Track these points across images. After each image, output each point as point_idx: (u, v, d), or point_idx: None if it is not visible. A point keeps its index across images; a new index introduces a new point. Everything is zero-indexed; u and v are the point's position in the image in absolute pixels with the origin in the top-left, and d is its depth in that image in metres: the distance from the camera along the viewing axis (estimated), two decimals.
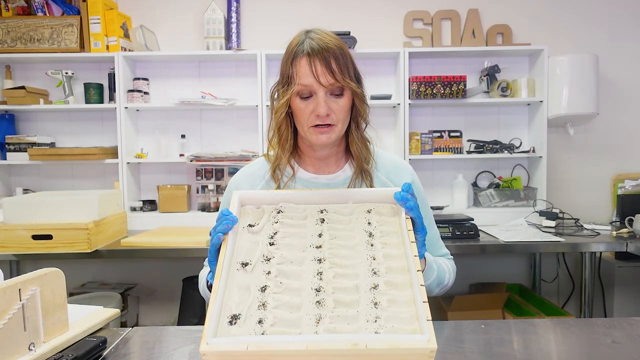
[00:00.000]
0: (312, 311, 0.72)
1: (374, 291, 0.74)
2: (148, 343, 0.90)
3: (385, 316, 0.71)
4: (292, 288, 0.75)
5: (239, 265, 0.78)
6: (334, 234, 0.84)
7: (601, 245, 2.13)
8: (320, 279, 0.77)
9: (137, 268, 2.80)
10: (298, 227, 0.86)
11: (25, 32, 2.57)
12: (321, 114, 0.96)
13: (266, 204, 0.90)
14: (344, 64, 0.98)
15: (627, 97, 2.75)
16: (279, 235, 0.84)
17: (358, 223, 0.87)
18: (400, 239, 0.83)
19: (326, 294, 0.74)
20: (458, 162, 2.76)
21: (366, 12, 2.75)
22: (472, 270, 2.79)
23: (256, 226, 0.86)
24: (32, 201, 2.12)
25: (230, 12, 2.64)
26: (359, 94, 1.01)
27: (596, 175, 2.78)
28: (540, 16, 2.74)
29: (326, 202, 0.91)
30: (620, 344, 0.84)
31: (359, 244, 0.82)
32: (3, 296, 0.72)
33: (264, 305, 0.72)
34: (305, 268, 0.79)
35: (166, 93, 2.74)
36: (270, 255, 0.81)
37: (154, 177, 2.77)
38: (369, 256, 0.80)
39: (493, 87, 2.62)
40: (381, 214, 0.89)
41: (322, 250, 0.81)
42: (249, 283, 0.76)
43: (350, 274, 0.78)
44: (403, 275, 0.77)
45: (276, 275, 0.77)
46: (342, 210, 0.90)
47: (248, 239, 0.84)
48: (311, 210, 0.90)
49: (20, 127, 2.78)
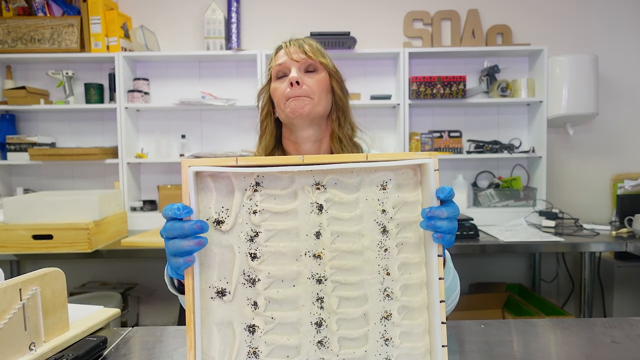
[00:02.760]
0: (314, 355, 0.62)
1: (385, 322, 0.63)
2: (148, 343, 0.90)
3: (397, 354, 0.63)
4: (287, 323, 0.62)
5: (214, 293, 0.61)
6: (337, 230, 0.64)
7: (601, 245, 2.13)
8: (321, 307, 0.63)
9: (138, 268, 2.80)
10: (286, 217, 0.63)
11: (25, 33, 2.57)
12: (292, 80, 0.96)
13: (236, 177, 0.63)
14: (319, 51, 1.02)
15: (626, 97, 2.75)
16: (261, 238, 0.63)
17: (368, 209, 0.64)
18: (420, 233, 0.65)
19: (329, 331, 0.63)
20: (458, 162, 2.76)
21: (366, 12, 2.75)
22: (472, 270, 2.79)
23: (226, 221, 0.62)
24: (32, 201, 2.12)
25: (231, 13, 2.64)
26: (334, 73, 1.02)
27: (596, 175, 2.78)
28: (540, 16, 2.74)
29: (326, 168, 0.63)
30: (619, 343, 0.84)
31: (369, 247, 0.64)
32: (4, 296, 0.72)
33: (255, 354, 0.61)
34: (300, 290, 0.63)
35: (166, 93, 2.75)
36: (254, 274, 0.62)
37: (154, 177, 2.77)
38: (381, 269, 0.64)
39: (493, 87, 2.62)
40: (401, 187, 0.65)
41: (322, 263, 0.63)
42: (231, 319, 0.62)
43: (358, 296, 0.64)
44: (420, 294, 0.64)
45: (265, 308, 0.62)
46: (347, 182, 0.64)
47: (217, 241, 0.62)
48: (302, 182, 0.63)
49: (21, 127, 2.78)
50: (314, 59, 1.00)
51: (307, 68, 1.00)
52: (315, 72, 1.00)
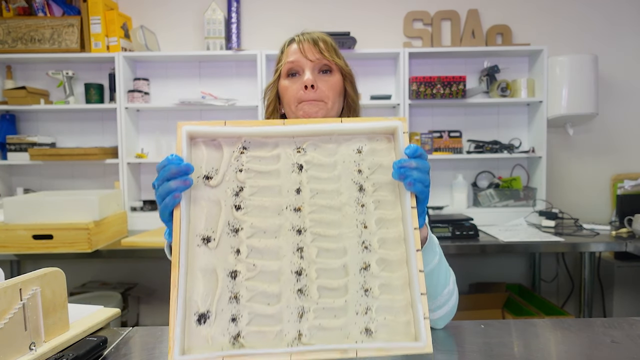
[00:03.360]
0: (294, 302, 0.64)
1: (365, 273, 0.65)
2: (148, 343, 0.90)
3: (377, 306, 0.64)
4: (268, 271, 0.65)
5: (200, 241, 0.65)
6: (316, 187, 0.69)
7: (600, 245, 2.13)
8: (301, 256, 0.66)
9: (138, 268, 2.80)
10: (270, 176, 0.69)
11: (26, 33, 2.57)
12: (307, 83, 0.93)
13: (224, 137, 0.69)
14: (333, 50, 0.99)
15: (626, 97, 2.75)
16: (246, 192, 0.68)
17: (345, 170, 0.70)
18: (396, 193, 0.69)
19: (309, 280, 0.65)
20: (458, 162, 2.76)
21: (366, 12, 2.75)
22: (471, 270, 2.80)
23: (215, 177, 0.68)
24: (32, 201, 2.12)
25: (231, 13, 2.64)
26: (348, 75, 1.00)
27: (595, 175, 2.78)
28: (540, 16, 2.74)
29: (304, 135, 0.70)
30: (619, 343, 0.84)
31: (347, 203, 0.68)
32: (4, 296, 0.73)
33: (236, 298, 0.63)
34: (281, 242, 0.66)
35: (166, 93, 2.75)
36: (238, 224, 0.66)
37: (154, 177, 2.77)
38: (359, 222, 0.67)
39: (493, 87, 2.62)
40: (375, 152, 0.70)
41: (302, 216, 0.67)
42: (215, 265, 0.65)
43: (337, 248, 0.66)
44: (398, 249, 0.66)
45: (247, 255, 0.65)
46: (326, 147, 0.71)
47: (206, 196, 0.67)
48: (285, 148, 0.70)
49: (21, 127, 2.78)
50: (329, 60, 0.96)
51: (321, 68, 0.97)
52: (330, 74, 0.97)
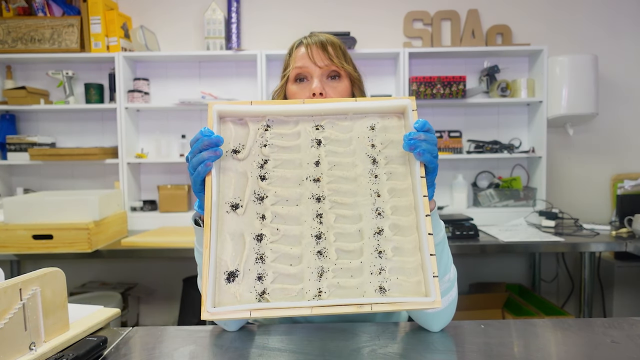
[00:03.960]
0: (314, 263, 0.69)
1: (378, 237, 0.71)
2: (148, 343, 0.90)
3: (390, 267, 0.69)
4: (290, 235, 0.71)
5: (229, 207, 0.71)
6: (333, 160, 0.75)
7: (600, 245, 2.13)
8: (320, 222, 0.71)
9: (138, 268, 2.80)
10: (291, 150, 0.76)
11: (25, 33, 2.57)
12: (315, 91, 0.93)
13: (250, 116, 0.77)
14: (342, 54, 0.98)
15: (626, 97, 2.75)
16: (270, 165, 0.74)
17: (360, 145, 0.76)
18: (406, 166, 0.75)
19: (328, 243, 0.70)
20: (458, 162, 2.76)
21: (366, 12, 2.75)
22: (471, 270, 2.80)
23: (242, 151, 0.74)
24: (32, 201, 2.12)
25: (231, 13, 2.64)
26: (356, 80, 1.00)
27: (595, 175, 2.78)
28: (540, 16, 2.74)
29: (322, 113, 0.77)
30: (619, 343, 0.84)
31: (362, 174, 0.74)
32: (4, 296, 0.73)
33: (261, 259, 0.69)
34: (302, 209, 0.72)
35: (166, 93, 2.75)
36: (263, 193, 0.73)
37: (154, 177, 2.78)
38: (372, 192, 0.73)
39: (493, 87, 2.62)
40: (387, 129, 0.77)
41: (321, 185, 0.73)
42: (242, 230, 0.70)
43: (353, 215, 0.72)
44: (409, 215, 0.72)
45: (272, 220, 0.71)
46: (342, 125, 0.77)
47: (234, 168, 0.74)
48: (305, 126, 0.77)
49: (21, 127, 2.78)
50: (337, 67, 0.96)
51: (329, 74, 0.97)
52: (338, 80, 0.97)
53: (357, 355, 0.80)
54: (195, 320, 2.45)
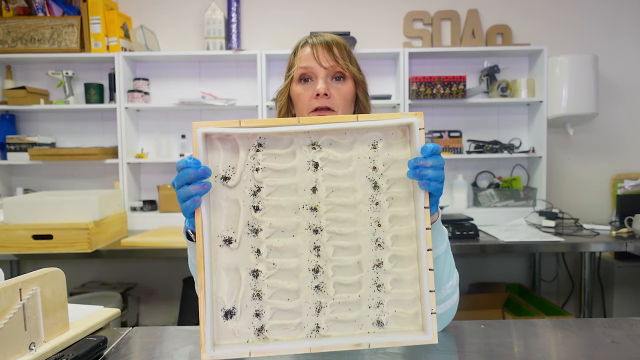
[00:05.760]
0: (312, 298, 0.68)
1: (378, 269, 0.69)
2: (148, 343, 0.90)
3: (388, 300, 0.68)
4: (287, 269, 0.68)
5: (222, 241, 0.68)
6: (331, 185, 0.69)
7: (601, 245, 2.13)
8: (318, 255, 0.69)
9: (138, 268, 2.80)
10: (286, 174, 0.69)
11: (25, 33, 2.57)
12: (320, 92, 0.93)
13: (240, 135, 0.69)
14: (347, 55, 0.98)
15: (626, 97, 2.75)
16: (263, 192, 0.69)
17: (360, 166, 0.70)
18: (410, 189, 0.70)
19: (326, 277, 0.68)
20: (458, 162, 2.76)
21: (366, 12, 2.75)
22: (471, 270, 2.79)
23: (232, 177, 0.68)
24: (32, 201, 2.12)
25: (231, 13, 2.64)
26: (360, 82, 1.00)
27: (596, 175, 2.78)
28: (540, 16, 2.74)
29: (319, 132, 0.69)
30: (619, 343, 0.84)
31: (362, 201, 0.69)
32: (4, 296, 0.73)
33: (258, 295, 0.68)
34: (299, 240, 0.69)
35: (166, 93, 2.75)
36: (257, 225, 0.68)
37: (154, 177, 2.78)
38: (373, 221, 0.69)
39: (493, 87, 2.62)
40: (390, 146, 0.70)
41: (319, 215, 0.69)
42: (237, 264, 0.68)
43: (352, 246, 0.69)
44: (410, 245, 0.69)
45: (267, 255, 0.68)
46: (341, 143, 0.70)
47: (225, 196, 0.68)
48: (299, 143, 0.69)
49: (21, 127, 2.78)
50: (342, 68, 0.96)
51: (334, 75, 0.97)
52: (343, 81, 0.97)
53: (358, 355, 0.80)
54: (195, 320, 2.44)
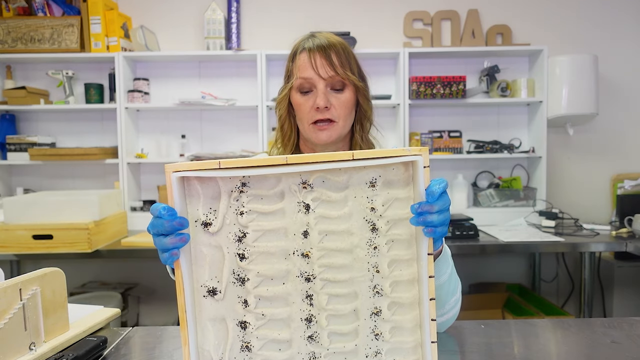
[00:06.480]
0: (305, 349, 0.63)
1: (376, 318, 0.64)
2: (148, 343, 0.90)
3: (387, 349, 0.64)
4: (277, 319, 0.63)
5: (205, 292, 0.62)
6: (325, 229, 0.62)
7: (600, 245, 2.13)
8: (311, 304, 0.63)
9: (138, 268, 2.80)
10: (274, 217, 0.62)
11: (25, 33, 2.57)
12: (320, 105, 0.92)
13: (222, 179, 0.61)
14: (346, 59, 0.96)
15: (626, 97, 2.75)
16: (249, 238, 0.62)
17: (357, 207, 0.62)
18: (412, 230, 0.63)
19: (319, 327, 0.63)
20: (458, 162, 2.76)
21: (366, 12, 2.75)
22: (471, 270, 2.80)
23: (214, 222, 0.61)
24: (32, 201, 2.12)
25: (231, 13, 2.64)
26: (361, 88, 0.98)
27: (596, 175, 2.78)
28: (540, 16, 2.74)
29: (310, 169, 0.60)
30: (619, 343, 0.84)
31: (359, 245, 0.63)
32: (4, 296, 0.73)
33: (247, 347, 0.63)
34: (289, 287, 0.63)
35: (166, 93, 2.75)
36: (243, 274, 0.62)
37: (155, 177, 2.77)
38: (371, 266, 0.63)
39: (493, 87, 2.62)
40: (391, 184, 0.62)
41: (311, 262, 0.62)
42: (224, 315, 0.63)
43: (348, 293, 0.63)
44: (411, 291, 0.63)
45: (255, 306, 0.63)
46: (334, 180, 0.62)
47: (207, 242, 0.62)
48: (288, 182, 0.61)
49: (21, 127, 2.78)
50: (342, 77, 0.94)
51: (333, 86, 0.96)
52: (342, 91, 0.96)
53: None
54: None
